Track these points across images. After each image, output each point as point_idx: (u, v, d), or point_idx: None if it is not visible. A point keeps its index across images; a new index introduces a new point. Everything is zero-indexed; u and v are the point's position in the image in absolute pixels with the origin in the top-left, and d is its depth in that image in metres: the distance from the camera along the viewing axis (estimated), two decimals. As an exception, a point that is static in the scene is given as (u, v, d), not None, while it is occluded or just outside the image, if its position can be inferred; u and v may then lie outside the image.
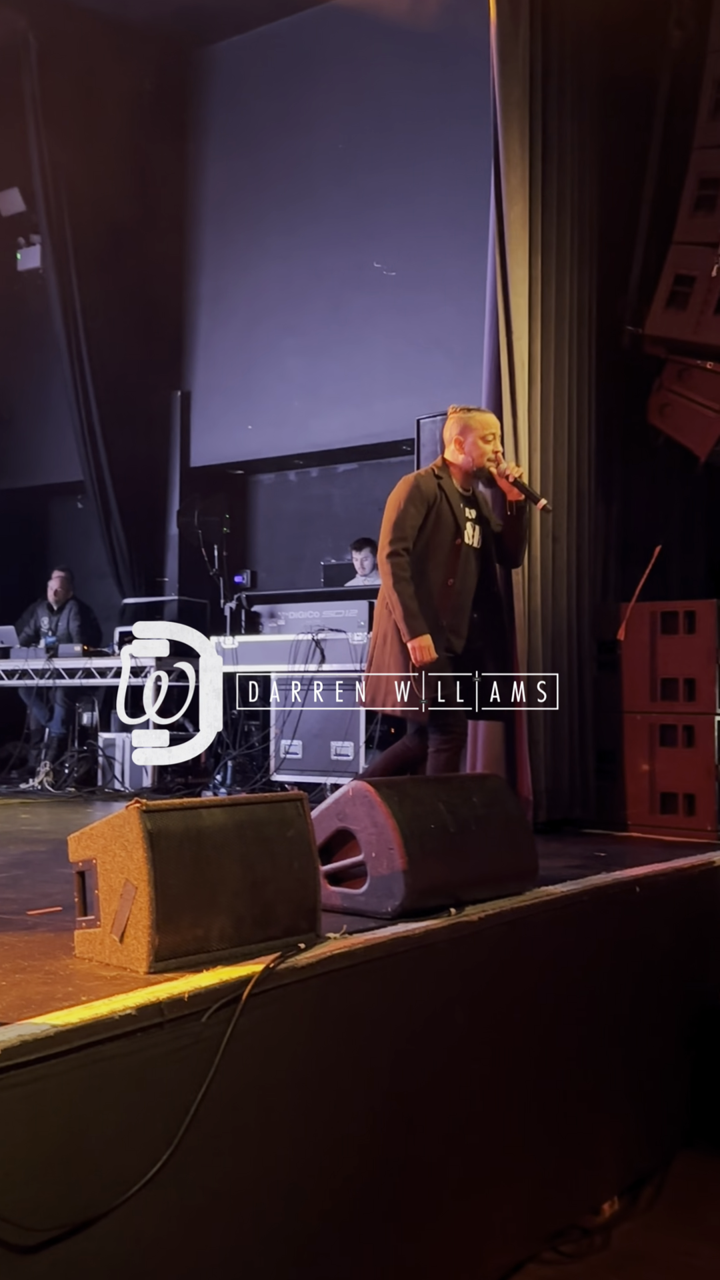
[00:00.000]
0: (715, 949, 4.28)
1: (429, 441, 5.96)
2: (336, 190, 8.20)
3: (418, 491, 3.92)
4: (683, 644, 5.22)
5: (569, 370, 5.24)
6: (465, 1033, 2.88)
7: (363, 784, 3.08)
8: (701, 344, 5.56)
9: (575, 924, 3.43)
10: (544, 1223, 3.13)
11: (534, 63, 4.96)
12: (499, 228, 4.85)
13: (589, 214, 5.48)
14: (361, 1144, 2.55)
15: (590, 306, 5.47)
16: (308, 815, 2.73)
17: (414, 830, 2.99)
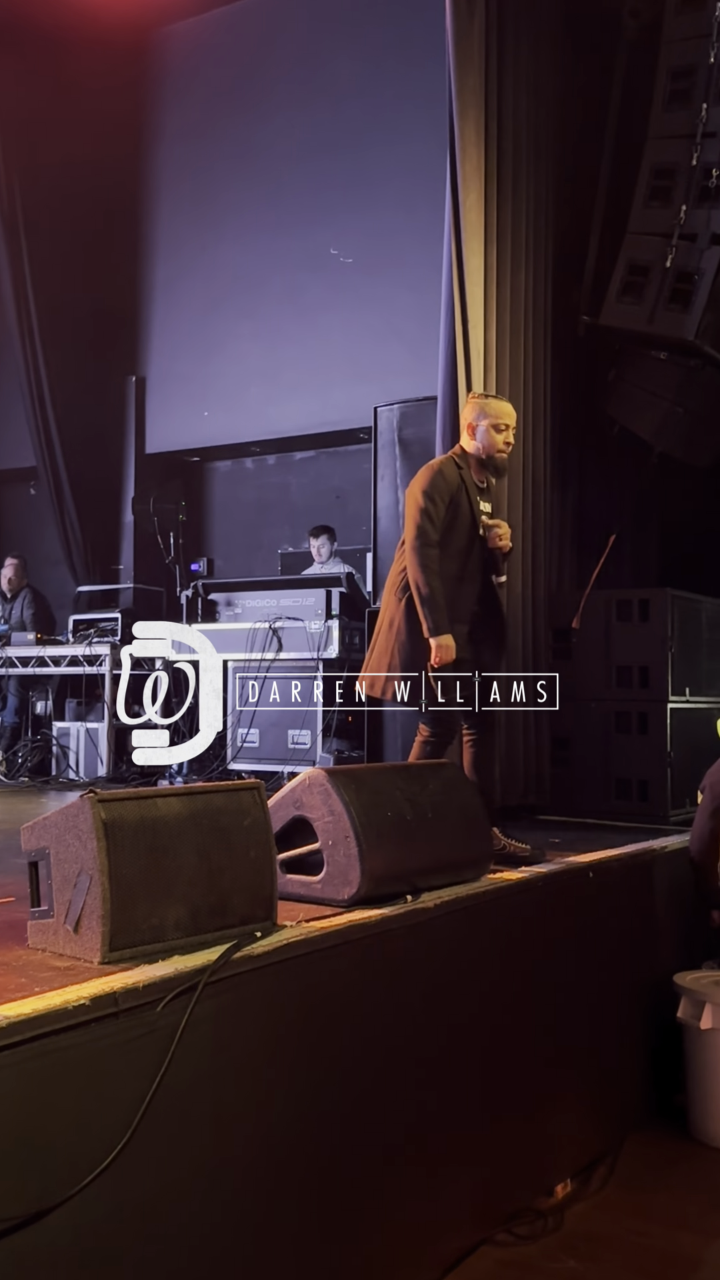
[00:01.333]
0: (667, 932, 4.34)
1: (386, 429, 5.97)
2: (293, 175, 8.15)
3: (442, 480, 3.78)
4: (637, 632, 5.27)
5: (525, 359, 5.26)
6: (421, 1019, 2.90)
7: (319, 772, 3.07)
8: (655, 334, 5.60)
9: (530, 910, 3.46)
10: (499, 1205, 3.16)
11: (489, 50, 4.95)
12: (455, 216, 4.84)
13: (544, 202, 5.49)
14: (317, 1131, 2.56)
15: (546, 295, 5.49)
16: (264, 804, 2.73)
17: (370, 818, 2.99)
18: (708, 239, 5.36)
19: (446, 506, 3.74)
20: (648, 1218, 3.30)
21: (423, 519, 3.72)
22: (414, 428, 5.85)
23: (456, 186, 4.85)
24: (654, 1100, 4.07)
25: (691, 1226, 3.26)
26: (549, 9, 5.53)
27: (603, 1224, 3.25)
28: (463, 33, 4.81)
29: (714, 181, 5.32)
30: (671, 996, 3.97)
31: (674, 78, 5.53)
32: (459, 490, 3.80)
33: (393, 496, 5.89)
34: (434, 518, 3.72)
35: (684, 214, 5.39)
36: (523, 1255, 3.03)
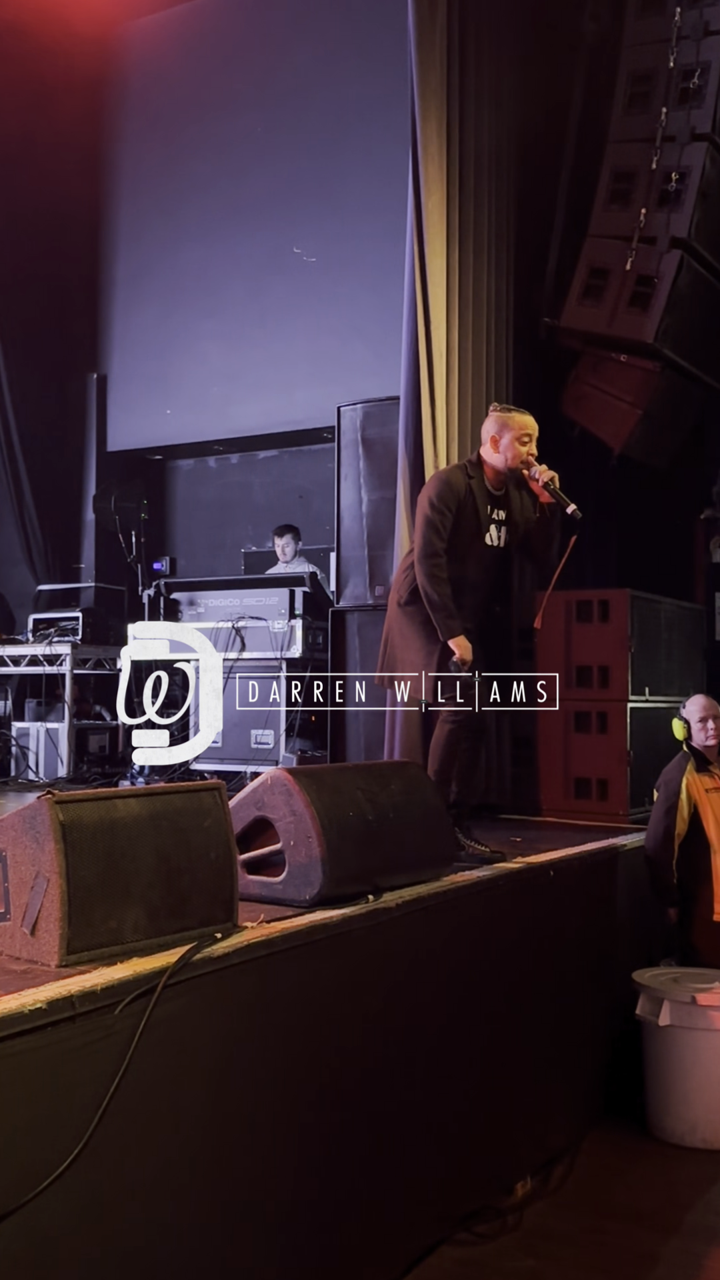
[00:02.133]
0: (626, 929, 4.37)
1: (350, 429, 5.96)
2: (255, 174, 8.12)
3: (449, 490, 3.86)
4: (597, 632, 5.31)
5: (486, 360, 5.28)
6: (381, 1019, 2.91)
7: (281, 772, 3.07)
8: (616, 337, 5.65)
9: (491, 909, 3.47)
10: (458, 1204, 3.17)
11: (450, 52, 4.97)
12: (417, 217, 4.85)
13: (506, 205, 5.52)
14: (277, 1132, 2.55)
15: (507, 297, 5.52)
16: (225, 804, 2.72)
17: (332, 818, 2.99)
18: (667, 243, 5.42)
19: (453, 515, 3.83)
20: (606, 1215, 3.33)
21: (428, 529, 3.82)
22: (377, 427, 5.85)
23: (419, 187, 4.86)
24: (613, 1097, 4.10)
25: (649, 1223, 3.29)
26: (510, 13, 5.57)
27: (561, 1222, 3.27)
28: (425, 35, 4.82)
29: (673, 185, 5.38)
30: (630, 994, 4.00)
31: (634, 82, 5.58)
32: (466, 498, 3.86)
33: (356, 496, 5.89)
34: (439, 527, 3.81)
35: (644, 217, 5.45)
36: (481, 1254, 3.05)
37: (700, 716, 4.48)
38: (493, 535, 3.92)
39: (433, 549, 3.79)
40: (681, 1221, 3.32)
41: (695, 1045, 3.83)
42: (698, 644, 6.19)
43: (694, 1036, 3.83)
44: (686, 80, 5.39)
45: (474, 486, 3.88)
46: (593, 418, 5.98)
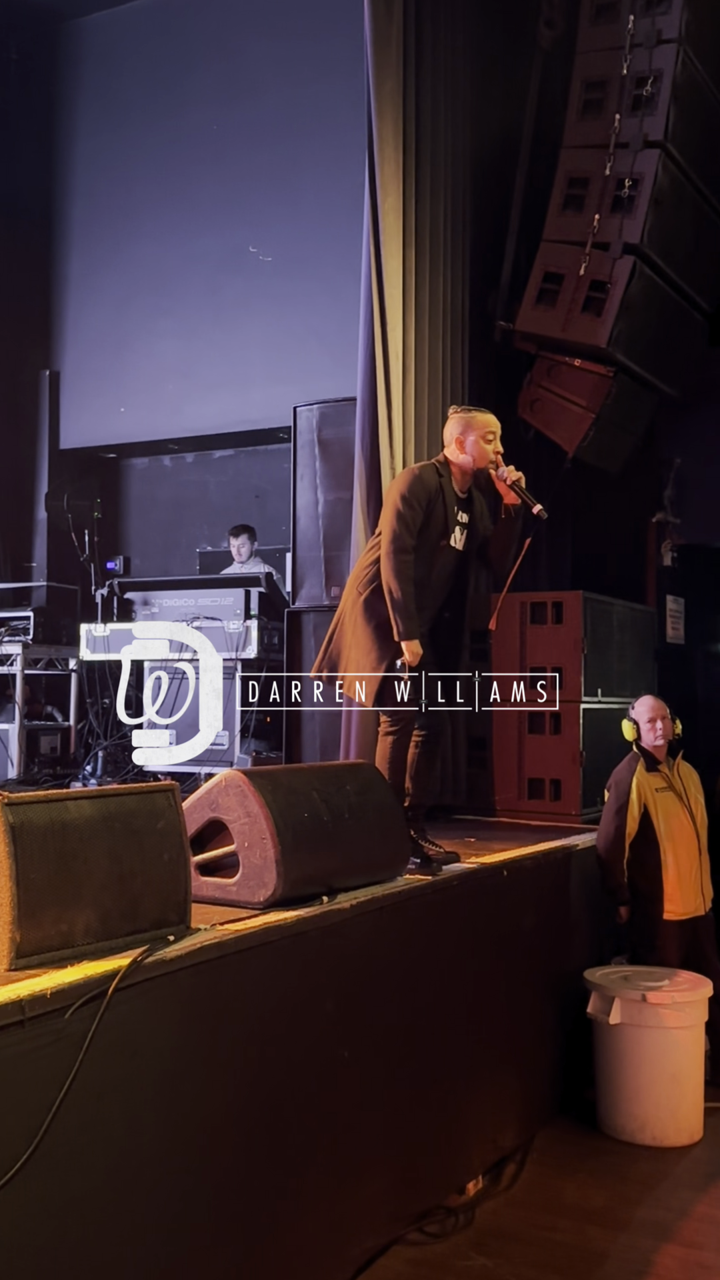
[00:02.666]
0: (579, 928, 4.41)
1: (306, 429, 5.95)
2: (210, 173, 8.08)
3: (421, 486, 3.80)
4: (551, 634, 5.36)
5: (443, 363, 5.30)
6: (335, 1020, 2.90)
7: (236, 773, 3.06)
8: (570, 341, 5.69)
9: (445, 909, 3.48)
10: (410, 1204, 3.18)
11: (407, 55, 4.98)
12: (374, 218, 4.86)
13: (462, 208, 5.54)
14: (230, 1135, 2.54)
15: (463, 300, 5.54)
16: (179, 806, 2.70)
17: (287, 820, 2.98)
18: (620, 248, 5.46)
19: (424, 514, 3.77)
20: (557, 1213, 3.36)
21: (398, 523, 3.74)
22: (334, 428, 5.84)
23: (375, 189, 4.87)
24: (564, 1095, 4.13)
25: (599, 1220, 3.32)
26: (466, 16, 5.59)
27: (513, 1220, 3.29)
28: (381, 37, 4.83)
29: (626, 191, 5.43)
30: (582, 992, 4.04)
31: (588, 88, 5.62)
32: (436, 497, 3.81)
33: (312, 496, 5.88)
34: (409, 522, 3.74)
35: (597, 223, 5.49)
36: (433, 1254, 3.06)
37: (649, 717, 4.53)
38: (456, 538, 3.88)
39: (402, 544, 3.72)
40: (631, 1218, 3.35)
41: (645, 1043, 3.88)
42: (649, 646, 6.27)
43: (644, 1034, 3.87)
44: (639, 87, 5.44)
45: (444, 485, 3.83)
46: (547, 421, 6.02)
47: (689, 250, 5.93)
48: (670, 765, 4.54)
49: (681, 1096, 3.92)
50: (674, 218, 5.68)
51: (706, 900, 4.51)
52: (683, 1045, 3.92)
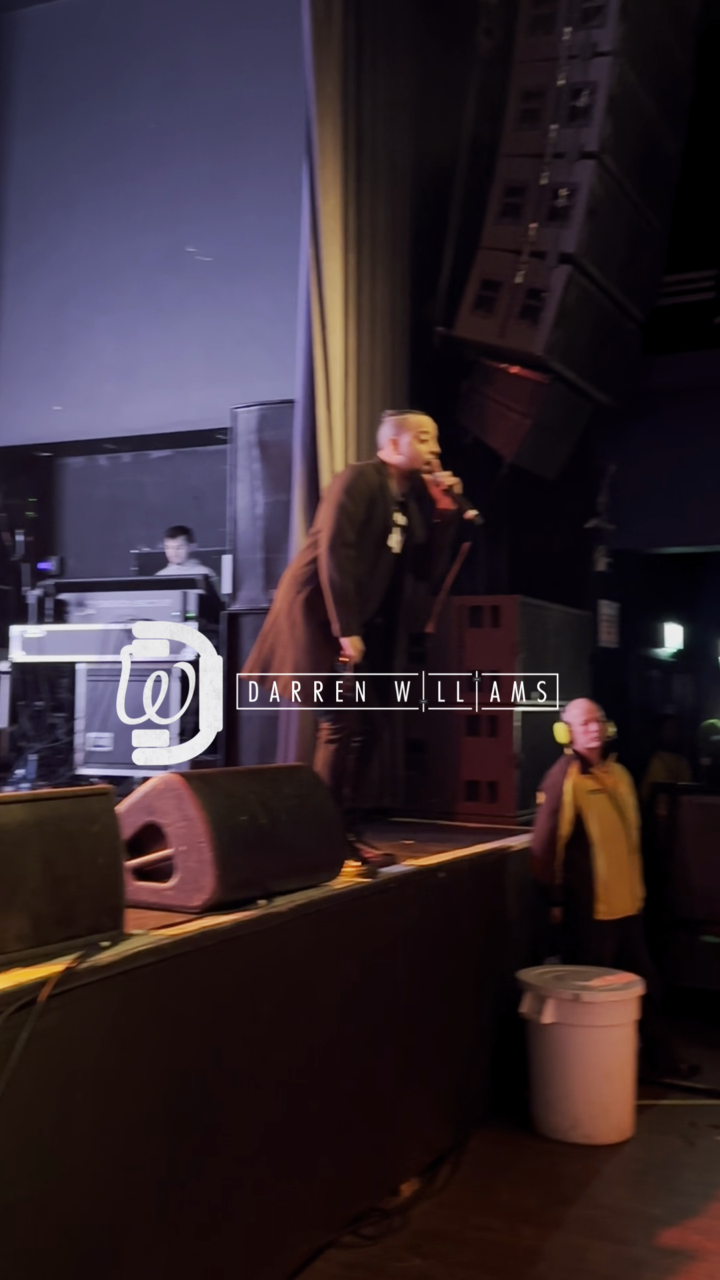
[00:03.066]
0: (513, 929, 4.46)
1: (245, 431, 5.93)
2: (149, 171, 8.01)
3: (364, 481, 3.74)
4: (488, 637, 5.40)
5: (382, 367, 5.32)
6: (271, 1024, 2.90)
7: (173, 776, 3.03)
8: (507, 348, 5.74)
9: (383, 911, 3.50)
10: (345, 1207, 3.18)
11: (347, 59, 5.00)
12: (313, 221, 4.86)
13: (401, 213, 5.57)
14: (164, 1141, 2.52)
15: (402, 305, 5.57)
16: (114, 810, 2.67)
17: (224, 823, 2.97)
18: (556, 257, 5.53)
19: (366, 509, 3.71)
20: (491, 1213, 3.38)
21: (340, 516, 3.68)
22: (273, 430, 5.83)
23: (314, 192, 4.87)
24: (498, 1095, 4.17)
25: (533, 1219, 3.35)
26: (405, 23, 5.62)
27: (447, 1221, 3.31)
28: (321, 40, 4.84)
29: (562, 201, 5.50)
30: (516, 992, 4.08)
31: (524, 98, 5.68)
32: (378, 495, 3.76)
33: (250, 499, 5.86)
34: (352, 516, 3.68)
35: (534, 232, 5.55)
36: (367, 1256, 3.06)
37: (583, 720, 4.59)
38: (394, 541, 3.84)
39: (345, 539, 3.65)
40: (564, 1217, 3.39)
41: (578, 1042, 3.93)
42: (584, 650, 6.35)
43: (577, 1033, 3.92)
44: (575, 99, 5.51)
45: (385, 485, 3.80)
46: (485, 426, 6.07)
47: (624, 261, 6.03)
48: (603, 767, 4.60)
49: (613, 1094, 3.97)
50: (609, 228, 5.76)
51: (637, 900, 4.58)
52: (614, 1043, 3.98)
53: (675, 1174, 3.74)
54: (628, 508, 6.82)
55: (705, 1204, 3.49)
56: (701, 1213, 3.43)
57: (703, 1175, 3.71)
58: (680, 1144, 3.96)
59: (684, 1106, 4.29)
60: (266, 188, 7.33)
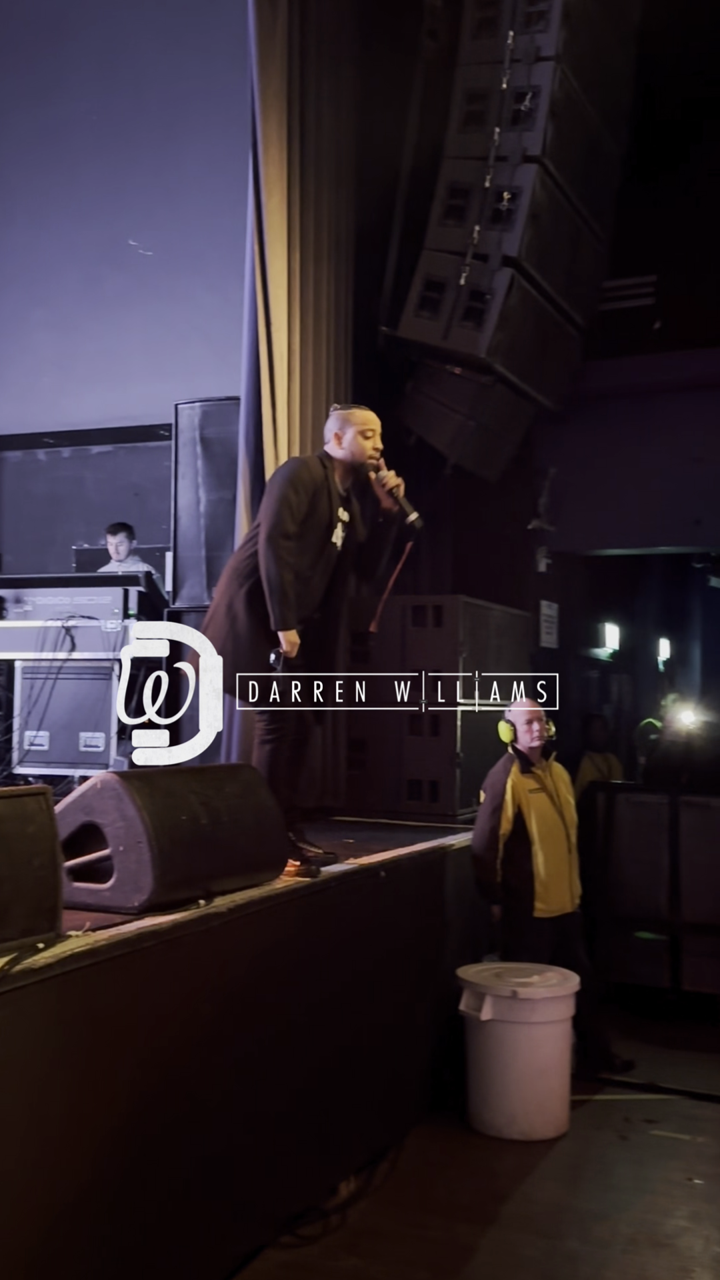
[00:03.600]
0: (453, 927, 4.48)
1: (188, 427, 5.89)
2: (90, 163, 7.91)
3: (307, 473, 3.70)
4: (431, 637, 5.42)
5: (327, 365, 5.32)
6: (211, 1024, 2.88)
7: (111, 775, 3.00)
8: (450, 350, 5.77)
9: (323, 910, 3.49)
10: (282, 1208, 3.18)
11: (292, 55, 4.98)
12: (258, 217, 4.84)
13: (346, 211, 5.57)
14: (101, 1143, 2.49)
15: (347, 304, 5.57)
16: (51, 810, 2.63)
17: (164, 822, 2.95)
18: (499, 260, 5.57)
19: (308, 502, 3.68)
20: (427, 1210, 3.40)
21: (281, 508, 3.63)
22: (216, 427, 5.79)
23: (259, 188, 4.85)
24: (437, 1093, 4.19)
25: (468, 1216, 3.38)
26: (349, 21, 5.62)
27: (384, 1219, 3.32)
28: (266, 36, 4.81)
29: (505, 205, 5.54)
30: (455, 990, 4.10)
31: (469, 100, 5.71)
32: (321, 488, 3.73)
33: (193, 495, 5.82)
34: (294, 508, 3.64)
35: (477, 234, 5.58)
36: (304, 1256, 3.06)
37: (527, 719, 4.63)
38: (338, 536, 3.82)
39: (284, 530, 3.61)
40: (499, 1212, 3.42)
41: (515, 1038, 3.96)
42: (525, 649, 6.41)
43: (514, 1030, 3.96)
44: (519, 102, 5.55)
45: (329, 478, 3.77)
46: (428, 427, 6.09)
47: (565, 266, 6.09)
48: (543, 767, 4.65)
49: (549, 1090, 4.02)
50: (551, 233, 5.82)
51: (575, 898, 4.64)
52: (551, 1040, 4.02)
53: (609, 1169, 3.79)
54: (568, 510, 6.90)
55: (638, 1198, 3.54)
56: (634, 1206, 3.48)
57: (636, 1170, 3.77)
58: (614, 1139, 4.02)
59: (618, 1101, 4.36)
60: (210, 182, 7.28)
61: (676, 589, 10.08)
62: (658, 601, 9.87)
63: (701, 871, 5.61)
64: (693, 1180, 3.68)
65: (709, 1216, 3.42)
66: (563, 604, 7.23)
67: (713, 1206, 3.49)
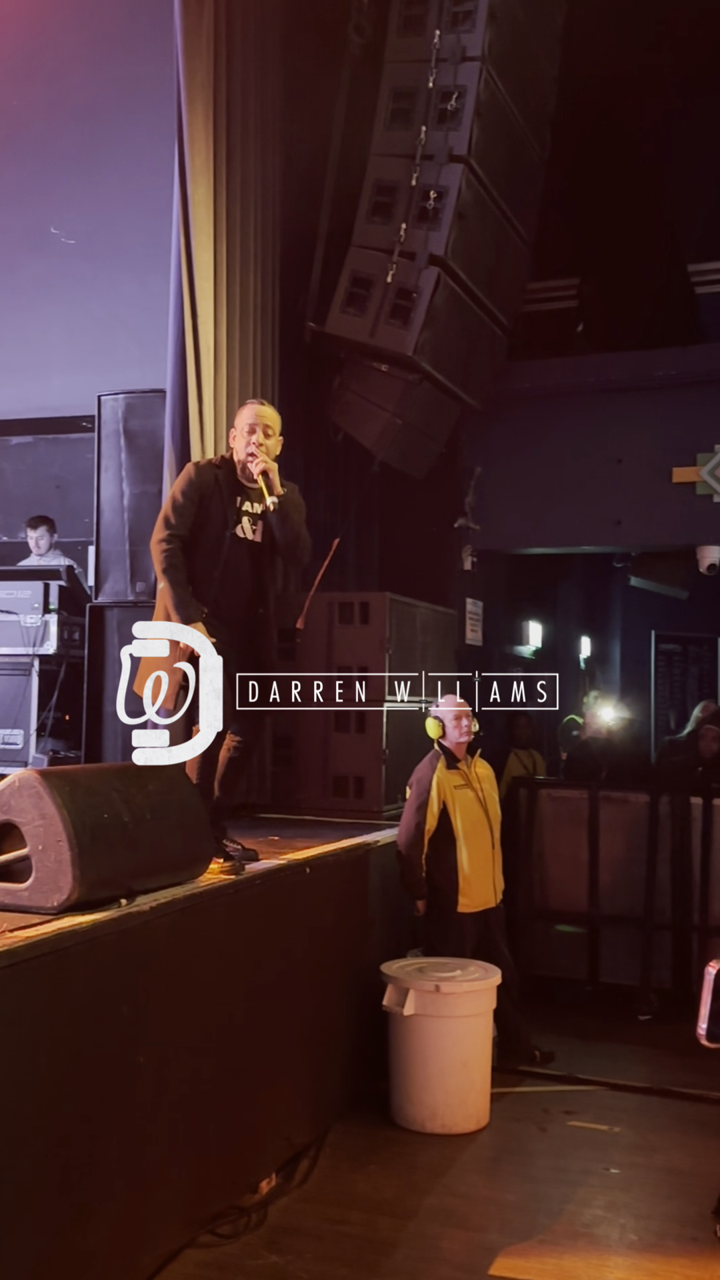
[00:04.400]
0: (378, 922, 4.50)
1: (111, 419, 5.80)
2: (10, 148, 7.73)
3: (192, 478, 3.84)
4: (357, 634, 5.43)
5: (254, 359, 5.28)
6: (131, 1024, 2.85)
7: (30, 773, 2.94)
8: (377, 347, 5.78)
9: (248, 908, 3.48)
10: (202, 1207, 3.16)
11: (218, 45, 4.93)
12: (184, 209, 4.78)
13: (272, 205, 5.54)
14: (18, 1144, 2.45)
15: (274, 298, 5.54)
16: (-35, 810, 2.58)
17: (85, 821, 2.90)
18: (425, 259, 5.58)
19: (196, 505, 3.80)
20: (348, 1205, 3.41)
21: (166, 511, 3.80)
22: (141, 420, 5.72)
23: (185, 179, 4.79)
24: (358, 1087, 4.20)
25: (389, 1210, 3.40)
26: (276, 14, 5.58)
27: (305, 1216, 3.32)
28: (192, 27, 4.76)
29: (432, 203, 5.55)
30: (380, 985, 4.11)
31: (395, 98, 5.71)
32: (211, 491, 3.82)
33: (117, 489, 5.74)
34: (179, 511, 3.78)
35: (404, 232, 5.59)
36: (224, 1255, 3.05)
37: (455, 715, 4.66)
38: (245, 528, 3.90)
39: (161, 536, 3.78)
40: (419, 1206, 3.45)
41: (437, 1032, 3.99)
42: (449, 646, 6.46)
43: (436, 1024, 3.99)
44: (445, 101, 5.56)
45: (221, 478, 3.87)
46: (355, 424, 6.10)
47: (491, 266, 6.14)
48: (469, 763, 4.69)
49: (470, 1084, 4.05)
50: (477, 234, 5.86)
51: (498, 893, 4.69)
52: (473, 1033, 4.06)
53: (529, 1160, 3.84)
54: (493, 508, 6.97)
55: (556, 1188, 3.60)
56: (553, 1197, 3.53)
57: (555, 1160, 3.82)
58: (534, 1130, 4.08)
59: (538, 1093, 4.42)
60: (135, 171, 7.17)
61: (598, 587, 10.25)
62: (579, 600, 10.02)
63: (619, 865, 5.72)
64: (610, 1170, 3.75)
65: (625, 1205, 3.49)
66: (487, 601, 7.30)
67: (629, 1195, 3.56)
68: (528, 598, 8.64)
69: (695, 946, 5.49)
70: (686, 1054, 4.19)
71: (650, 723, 9.84)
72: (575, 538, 6.96)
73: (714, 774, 5.86)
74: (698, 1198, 3.45)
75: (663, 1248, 3.21)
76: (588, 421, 6.80)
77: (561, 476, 6.82)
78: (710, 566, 6.80)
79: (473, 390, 6.43)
